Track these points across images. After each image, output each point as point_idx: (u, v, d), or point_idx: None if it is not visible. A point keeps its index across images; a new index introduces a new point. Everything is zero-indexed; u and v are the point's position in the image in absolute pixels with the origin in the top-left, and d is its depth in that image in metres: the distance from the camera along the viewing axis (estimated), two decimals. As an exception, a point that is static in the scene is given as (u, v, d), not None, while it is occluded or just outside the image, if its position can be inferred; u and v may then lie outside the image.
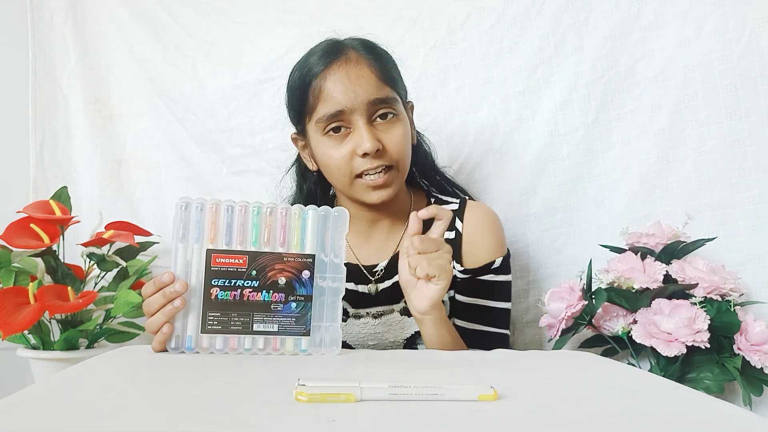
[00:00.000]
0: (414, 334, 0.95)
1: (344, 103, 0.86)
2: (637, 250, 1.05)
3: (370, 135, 0.86)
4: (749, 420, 0.45)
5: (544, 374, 0.64)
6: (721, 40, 1.12)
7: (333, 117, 0.87)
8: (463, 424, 0.43)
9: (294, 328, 0.71)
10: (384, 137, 0.88)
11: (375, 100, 0.87)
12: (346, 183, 0.89)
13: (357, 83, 0.87)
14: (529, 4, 1.24)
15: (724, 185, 1.11)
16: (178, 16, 1.43)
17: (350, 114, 0.87)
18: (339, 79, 0.87)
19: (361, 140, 0.86)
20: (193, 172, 1.41)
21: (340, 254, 0.74)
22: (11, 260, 1.12)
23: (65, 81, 1.44)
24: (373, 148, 0.85)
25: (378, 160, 0.87)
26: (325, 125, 0.88)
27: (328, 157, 0.89)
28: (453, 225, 0.96)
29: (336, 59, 0.88)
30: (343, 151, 0.88)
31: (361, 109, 0.86)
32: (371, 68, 0.89)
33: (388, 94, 0.89)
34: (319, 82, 0.88)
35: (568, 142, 1.21)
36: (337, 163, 0.88)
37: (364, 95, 0.86)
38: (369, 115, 0.88)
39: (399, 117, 0.90)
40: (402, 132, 0.89)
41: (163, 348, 0.71)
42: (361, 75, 0.88)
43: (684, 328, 0.93)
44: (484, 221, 0.98)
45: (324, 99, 0.87)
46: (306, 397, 0.47)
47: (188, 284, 0.70)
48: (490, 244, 0.97)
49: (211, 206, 0.71)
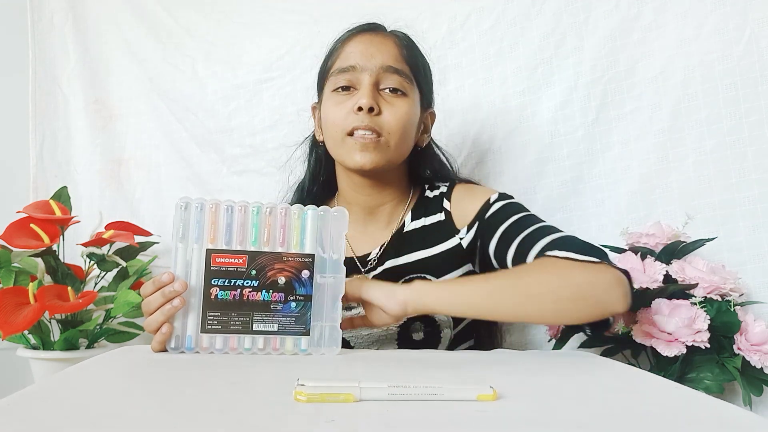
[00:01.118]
0: (407, 321, 0.92)
1: (358, 60, 0.89)
2: (637, 250, 1.05)
3: (371, 93, 0.87)
4: (749, 420, 0.45)
5: (544, 374, 0.64)
6: (721, 40, 1.12)
7: (344, 71, 0.90)
8: (463, 424, 0.43)
9: (294, 328, 0.71)
10: (384, 105, 0.89)
11: (389, 67, 0.89)
12: (339, 140, 0.89)
13: (377, 49, 0.90)
14: (529, 4, 1.24)
15: (724, 185, 1.11)
16: (178, 16, 1.43)
17: (360, 72, 0.89)
18: (361, 41, 0.92)
19: (361, 95, 0.87)
20: (193, 172, 1.41)
21: (340, 253, 0.74)
22: (11, 260, 1.12)
23: (65, 81, 1.44)
24: (368, 104, 0.86)
25: (369, 119, 0.87)
26: (336, 80, 0.90)
27: (330, 110, 0.91)
28: (441, 206, 0.96)
29: (367, 30, 0.93)
30: (342, 108, 0.89)
31: (372, 70, 0.88)
32: (396, 44, 0.92)
33: (404, 69, 0.90)
34: (343, 45, 0.93)
35: (568, 142, 1.22)
36: (335, 117, 0.90)
37: (380, 60, 0.89)
38: (378, 80, 0.89)
39: (407, 98, 0.91)
40: (404, 110, 0.89)
41: (162, 348, 0.71)
42: (385, 43, 0.91)
43: (684, 328, 0.93)
44: (466, 188, 0.98)
45: (342, 57, 0.92)
46: (305, 397, 0.47)
47: (188, 284, 0.70)
48: (478, 194, 0.94)
49: (210, 206, 0.71)
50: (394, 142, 0.89)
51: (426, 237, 0.95)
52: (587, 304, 0.70)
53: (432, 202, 0.98)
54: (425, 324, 0.93)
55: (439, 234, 0.95)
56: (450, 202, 0.96)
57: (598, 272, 0.72)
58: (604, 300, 0.71)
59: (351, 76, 0.90)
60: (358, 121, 0.87)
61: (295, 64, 1.37)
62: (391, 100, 0.89)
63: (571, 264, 0.72)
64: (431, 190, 1.00)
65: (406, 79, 0.90)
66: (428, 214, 0.97)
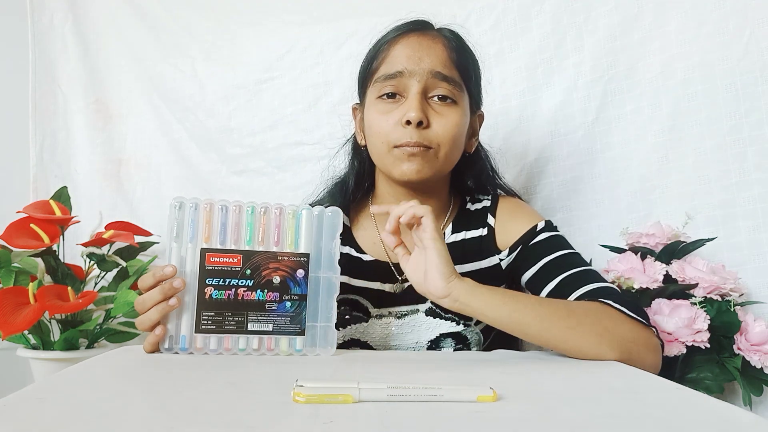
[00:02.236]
0: (438, 337, 0.89)
1: (405, 65, 0.84)
2: (637, 250, 1.05)
3: (419, 104, 0.82)
4: (749, 420, 0.45)
5: (543, 375, 0.63)
6: (721, 40, 1.12)
7: (391, 77, 0.84)
8: (462, 425, 0.43)
9: (289, 328, 0.71)
10: (433, 116, 0.84)
11: (437, 73, 0.84)
12: (384, 151, 0.86)
13: (425, 52, 0.84)
14: (529, 4, 1.24)
15: (724, 185, 1.11)
16: (178, 16, 1.43)
17: (408, 78, 0.84)
18: (409, 44, 0.85)
19: (409, 107, 0.82)
20: (193, 172, 1.41)
21: (335, 252, 0.74)
22: (11, 260, 1.12)
23: (65, 81, 1.44)
24: (417, 118, 0.81)
25: (418, 134, 0.82)
26: (382, 86, 0.85)
27: (374, 120, 0.86)
28: (485, 221, 0.93)
29: (414, 30, 0.87)
30: (389, 118, 0.84)
31: (421, 76, 0.83)
32: (446, 47, 0.86)
33: (454, 76, 0.85)
34: (389, 46, 0.87)
35: (568, 142, 1.21)
36: (380, 128, 0.85)
37: (428, 64, 0.84)
38: (426, 87, 0.84)
39: (457, 106, 0.86)
40: (455, 121, 0.85)
41: (154, 349, 0.70)
42: (433, 47, 0.85)
43: (684, 328, 0.93)
44: (513, 205, 0.95)
45: (388, 60, 0.86)
46: (304, 398, 0.47)
47: (185, 282, 0.70)
48: (526, 217, 0.92)
49: (205, 206, 0.71)
50: (444, 153, 0.85)
51: (466, 252, 0.92)
52: (623, 357, 0.71)
53: (474, 216, 0.95)
54: (456, 341, 0.90)
55: (479, 250, 0.92)
56: (495, 218, 0.93)
57: (644, 334, 0.74)
58: (640, 360, 0.72)
59: (398, 83, 0.84)
60: (406, 137, 0.82)
61: (295, 64, 1.37)
62: (440, 110, 0.85)
63: (622, 317, 0.74)
64: (472, 203, 0.97)
65: (455, 86, 0.85)
66: (469, 228, 0.94)
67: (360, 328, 0.91)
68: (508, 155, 1.25)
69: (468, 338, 0.90)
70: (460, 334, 0.89)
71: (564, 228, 1.22)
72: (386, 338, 0.92)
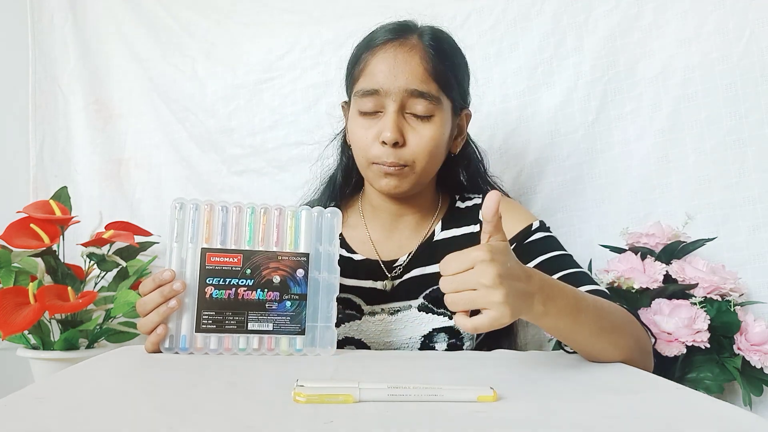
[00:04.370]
0: (432, 331, 0.90)
1: (381, 83, 0.84)
2: (637, 250, 1.05)
3: (394, 125, 0.83)
4: (749, 420, 0.45)
5: (543, 375, 0.63)
6: (721, 40, 1.12)
7: (368, 94, 0.85)
8: (463, 425, 0.43)
9: (289, 327, 0.72)
10: (409, 132, 0.85)
11: (413, 90, 0.84)
12: (364, 164, 0.88)
13: (401, 68, 0.84)
14: (529, 4, 1.24)
15: (724, 185, 1.11)
16: (178, 16, 1.43)
17: (384, 97, 0.84)
18: (385, 58, 0.85)
19: (383, 127, 0.84)
20: (193, 172, 1.41)
21: (335, 253, 0.74)
22: (11, 260, 1.12)
23: (65, 81, 1.44)
24: (391, 139, 0.82)
25: (394, 154, 0.84)
26: (361, 102, 0.87)
27: (355, 134, 0.88)
28: (477, 218, 0.94)
29: (393, 39, 0.86)
30: (368, 133, 0.86)
31: (396, 95, 0.84)
32: (423, 59, 0.85)
33: (431, 90, 0.85)
34: (368, 56, 0.87)
35: (568, 142, 1.21)
36: (360, 142, 0.87)
37: (403, 82, 0.84)
38: (402, 104, 0.85)
39: (434, 119, 0.86)
40: (430, 135, 0.85)
41: (156, 349, 0.70)
42: (409, 62, 0.85)
43: (684, 328, 0.93)
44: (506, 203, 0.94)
45: (366, 74, 0.87)
46: (304, 398, 0.47)
47: (186, 284, 0.70)
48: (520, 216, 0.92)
49: (205, 206, 0.72)
50: (420, 168, 0.86)
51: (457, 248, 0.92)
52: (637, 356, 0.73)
53: (464, 213, 0.96)
54: (449, 335, 0.90)
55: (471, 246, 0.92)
56: None
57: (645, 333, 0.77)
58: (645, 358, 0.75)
59: (375, 101, 0.85)
60: (383, 156, 0.84)
61: (295, 64, 1.37)
62: (416, 126, 0.85)
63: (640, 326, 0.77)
64: (462, 201, 0.98)
65: (432, 100, 0.85)
66: (460, 225, 0.95)
67: (354, 325, 0.92)
68: (508, 155, 1.25)
69: (461, 332, 0.91)
70: (452, 328, 0.90)
71: (564, 228, 1.23)
72: (380, 335, 0.93)
